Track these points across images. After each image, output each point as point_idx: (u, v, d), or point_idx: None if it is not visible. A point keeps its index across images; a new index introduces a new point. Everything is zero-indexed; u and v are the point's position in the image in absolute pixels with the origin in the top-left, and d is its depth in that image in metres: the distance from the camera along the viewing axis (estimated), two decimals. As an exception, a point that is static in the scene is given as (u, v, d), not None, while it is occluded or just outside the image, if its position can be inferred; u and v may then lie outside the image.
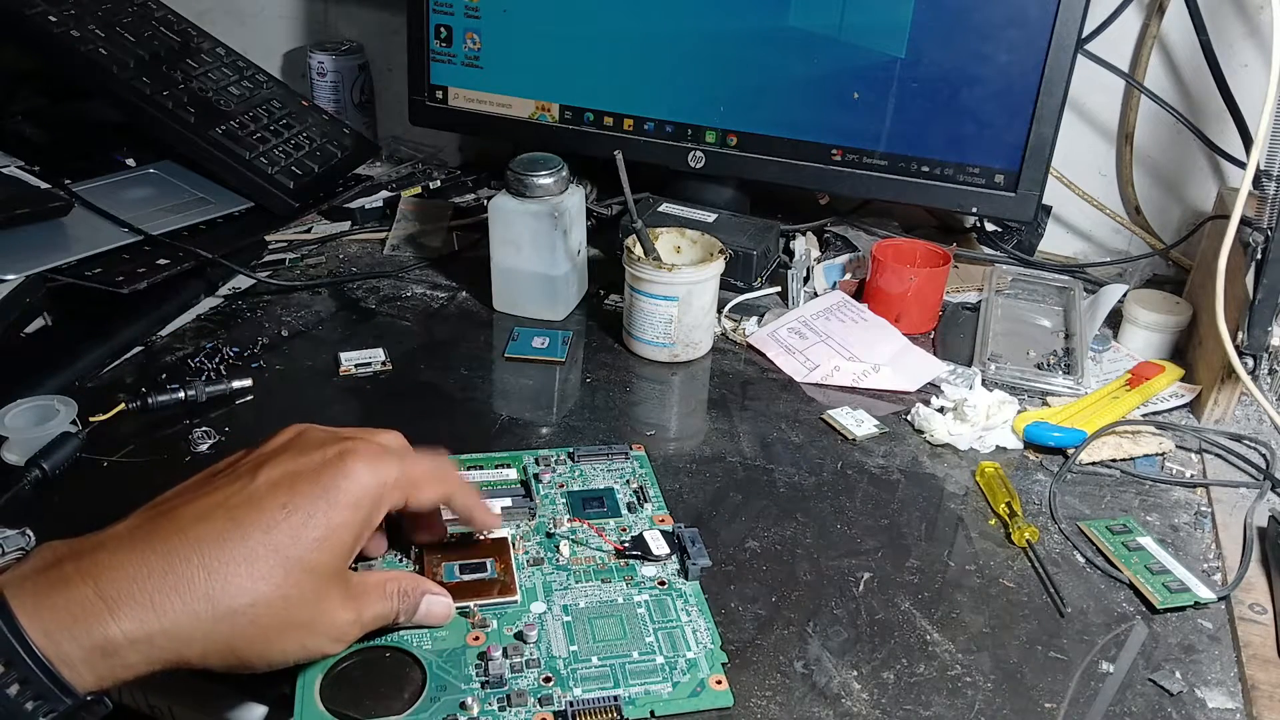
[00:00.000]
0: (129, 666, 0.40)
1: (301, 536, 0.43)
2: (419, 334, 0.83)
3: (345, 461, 0.45)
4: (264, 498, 0.43)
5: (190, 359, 0.76)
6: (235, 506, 0.43)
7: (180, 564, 0.41)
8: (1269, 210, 0.68)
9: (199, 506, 0.43)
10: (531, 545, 0.58)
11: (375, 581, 0.48)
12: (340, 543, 0.44)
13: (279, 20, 1.25)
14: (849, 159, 0.91)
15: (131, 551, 0.41)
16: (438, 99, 1.02)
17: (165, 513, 0.43)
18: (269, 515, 0.43)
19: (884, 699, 0.50)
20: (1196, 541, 0.64)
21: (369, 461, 0.46)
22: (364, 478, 0.45)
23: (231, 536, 0.42)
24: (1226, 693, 0.52)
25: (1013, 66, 0.84)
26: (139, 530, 0.42)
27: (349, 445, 0.46)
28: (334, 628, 0.45)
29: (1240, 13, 0.91)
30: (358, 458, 0.46)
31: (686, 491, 0.65)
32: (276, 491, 0.44)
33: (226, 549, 0.42)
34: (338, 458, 0.45)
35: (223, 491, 0.44)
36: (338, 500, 0.44)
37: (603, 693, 0.48)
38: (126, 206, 0.85)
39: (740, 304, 0.88)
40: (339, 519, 0.44)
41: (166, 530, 0.42)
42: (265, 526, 0.43)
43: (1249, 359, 0.71)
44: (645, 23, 0.92)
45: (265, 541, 0.42)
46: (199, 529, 0.42)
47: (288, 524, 0.43)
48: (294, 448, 0.46)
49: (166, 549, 0.41)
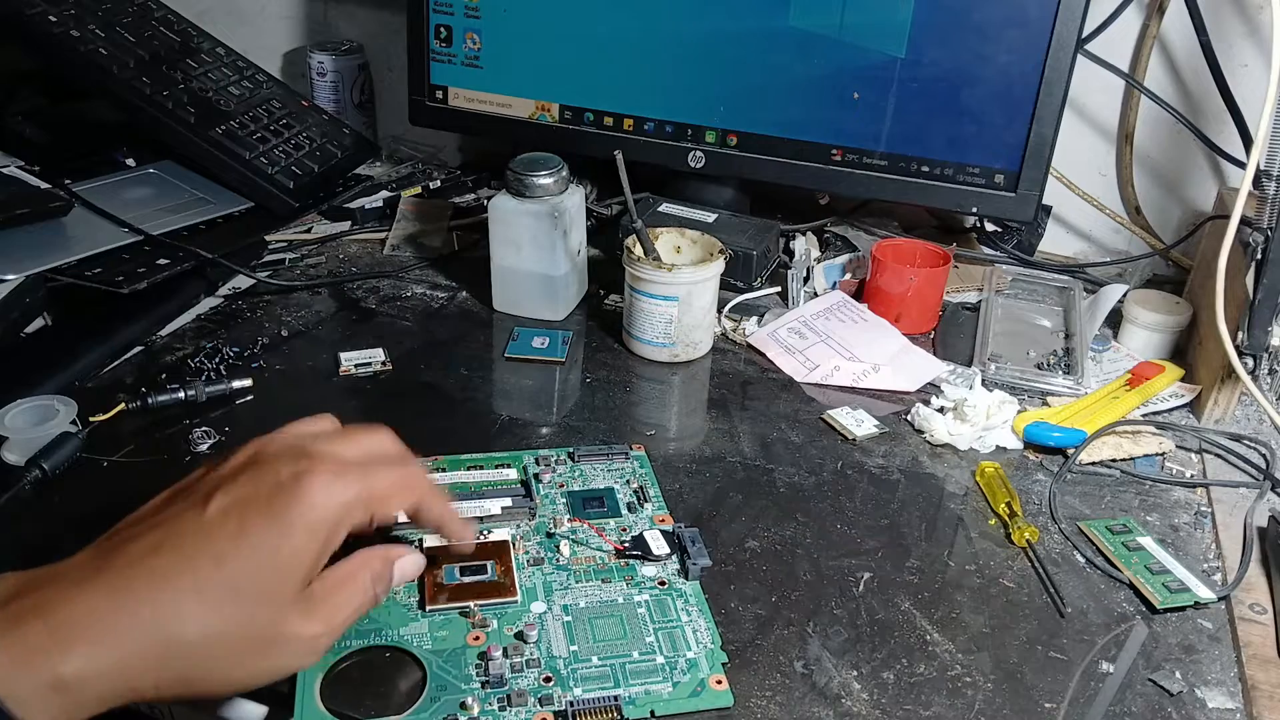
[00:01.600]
0: (83, 704, 0.38)
1: (253, 565, 0.41)
2: (419, 334, 0.83)
3: (300, 485, 0.43)
4: (214, 528, 0.42)
5: (190, 359, 0.76)
6: (184, 536, 0.42)
7: (129, 599, 0.40)
8: (1269, 210, 0.68)
9: (150, 539, 0.42)
10: (531, 545, 0.58)
11: (341, 579, 0.45)
12: (296, 568, 0.43)
13: (279, 20, 1.25)
14: (849, 159, 0.91)
15: (83, 587, 0.40)
16: (438, 99, 1.02)
17: (117, 546, 0.42)
18: (219, 545, 0.41)
19: (884, 699, 0.50)
20: (1196, 541, 0.64)
21: (326, 483, 0.43)
22: (319, 500, 0.43)
23: (181, 569, 0.41)
24: (1226, 693, 0.53)
25: (1013, 66, 0.84)
26: (91, 564, 0.41)
27: (305, 466, 0.44)
28: (302, 643, 0.43)
29: (1240, 13, 0.91)
30: (314, 479, 0.43)
31: (686, 491, 0.65)
32: (227, 520, 0.42)
33: (176, 581, 0.40)
34: (292, 480, 0.43)
35: (174, 522, 0.42)
36: (292, 526, 0.42)
37: (603, 693, 0.48)
38: (126, 206, 0.85)
39: (740, 304, 0.88)
40: (292, 546, 0.42)
41: (117, 564, 0.41)
42: (215, 557, 0.41)
43: (1249, 359, 0.71)
44: (645, 23, 0.92)
45: (215, 573, 0.41)
46: (149, 562, 0.41)
47: (237, 554, 0.41)
48: (249, 469, 0.44)
49: (117, 583, 0.40)
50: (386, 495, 0.46)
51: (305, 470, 0.43)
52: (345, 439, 0.48)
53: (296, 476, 0.43)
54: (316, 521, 0.43)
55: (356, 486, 0.44)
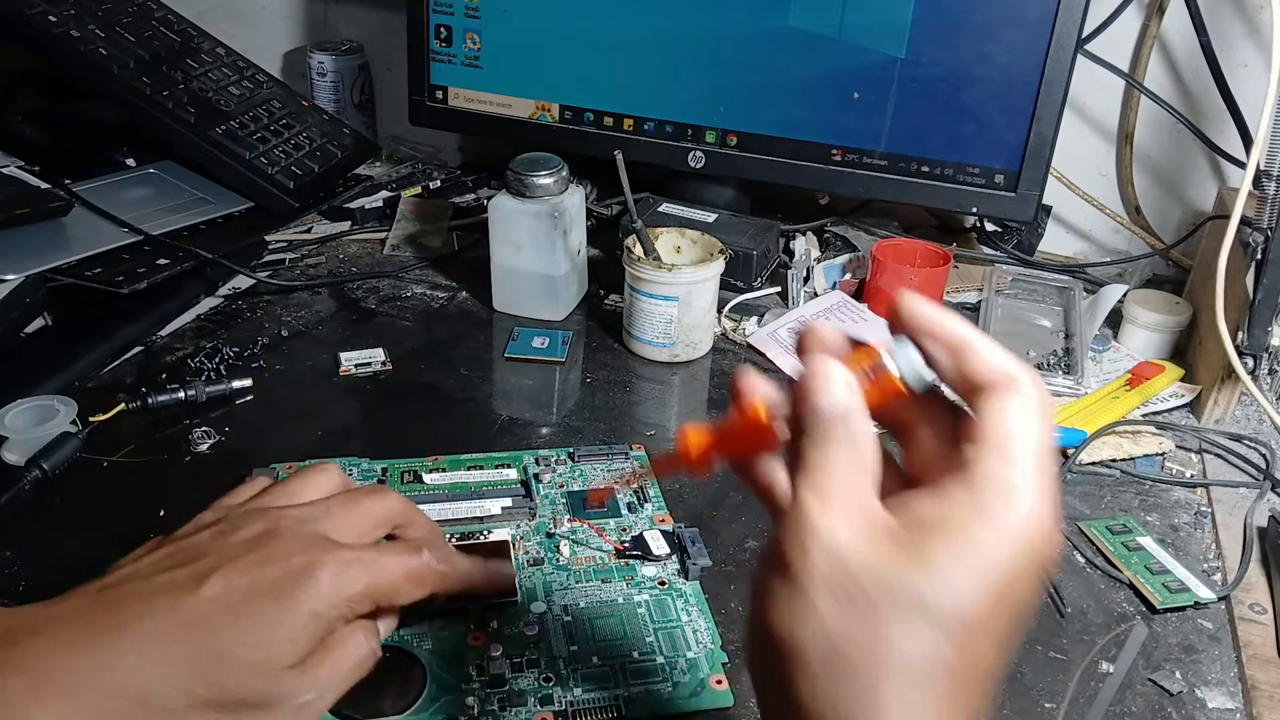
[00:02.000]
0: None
1: (249, 638, 0.40)
2: (419, 334, 0.83)
3: (309, 576, 0.42)
4: (214, 606, 0.41)
5: (190, 359, 0.76)
6: (181, 607, 0.40)
7: (115, 661, 0.38)
8: (1269, 210, 0.68)
9: (145, 603, 0.40)
10: (531, 545, 0.58)
11: (335, 640, 0.44)
12: (292, 645, 0.41)
13: (279, 20, 1.25)
14: (849, 159, 0.91)
15: (65, 643, 0.39)
16: (438, 99, 1.02)
17: (110, 600, 0.41)
18: (215, 619, 0.40)
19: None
20: (1196, 541, 0.64)
21: (334, 575, 0.43)
22: (326, 591, 0.42)
23: (173, 635, 0.40)
24: (1226, 693, 0.52)
25: (1013, 66, 0.84)
26: (79, 616, 0.40)
27: (315, 558, 0.43)
28: (293, 710, 0.42)
29: (1240, 13, 0.91)
30: (324, 570, 0.42)
31: (686, 491, 0.65)
32: (229, 600, 0.41)
33: (164, 650, 0.39)
34: (302, 571, 0.42)
35: (173, 589, 0.41)
36: (295, 609, 0.41)
37: (603, 693, 0.48)
38: (126, 206, 0.85)
39: (740, 304, 0.88)
40: (291, 625, 0.41)
41: (106, 622, 0.40)
42: (210, 629, 0.40)
43: (1249, 359, 0.71)
44: (645, 22, 0.92)
45: (208, 643, 0.40)
46: (140, 626, 0.39)
47: (235, 627, 0.40)
48: (258, 549, 0.43)
49: (103, 643, 0.39)
50: (394, 590, 0.45)
51: (316, 564, 0.43)
52: (356, 514, 0.47)
53: (307, 568, 0.42)
54: (321, 610, 0.42)
55: (364, 580, 0.44)
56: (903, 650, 0.29)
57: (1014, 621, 0.30)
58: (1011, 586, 0.29)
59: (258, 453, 0.65)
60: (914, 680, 0.29)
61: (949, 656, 0.29)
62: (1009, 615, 0.30)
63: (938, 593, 0.29)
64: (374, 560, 0.45)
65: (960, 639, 0.29)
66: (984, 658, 0.29)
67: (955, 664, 0.29)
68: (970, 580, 0.29)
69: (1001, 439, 0.31)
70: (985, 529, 0.29)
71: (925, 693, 0.29)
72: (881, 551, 0.30)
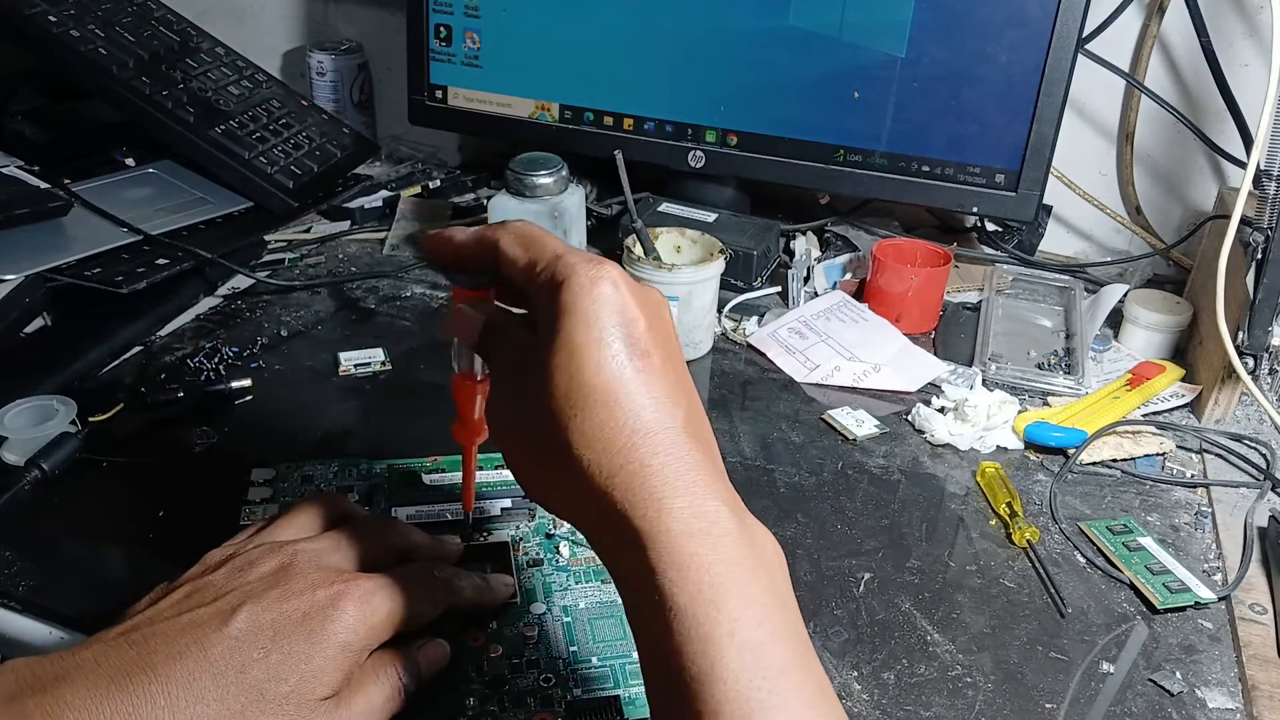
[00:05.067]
0: None
1: (281, 673, 0.41)
2: (419, 334, 0.83)
3: (336, 608, 0.43)
4: (244, 642, 0.41)
5: (190, 359, 0.76)
6: (210, 645, 0.41)
7: (145, 704, 0.39)
8: (1269, 210, 0.68)
9: (172, 644, 0.41)
10: (531, 546, 0.58)
11: (367, 673, 0.45)
12: (324, 679, 0.42)
13: (279, 20, 1.25)
14: (849, 158, 0.91)
15: (94, 689, 0.39)
16: (437, 99, 1.02)
17: (135, 643, 0.41)
18: (245, 656, 0.41)
19: (884, 699, 0.50)
20: (1197, 541, 0.64)
21: (359, 605, 0.44)
22: (353, 624, 0.43)
23: (202, 675, 0.40)
24: (1226, 693, 0.52)
25: (1013, 66, 0.84)
26: (105, 662, 0.40)
27: (339, 591, 0.44)
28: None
29: (1240, 13, 0.91)
30: (349, 603, 0.43)
31: (686, 491, 0.65)
32: (259, 636, 0.41)
33: (195, 689, 0.39)
34: (329, 604, 0.43)
35: (199, 628, 0.42)
36: (324, 643, 0.42)
37: (603, 693, 0.48)
38: (126, 206, 0.85)
39: (740, 304, 0.88)
40: (323, 658, 0.42)
41: (133, 665, 0.40)
42: (240, 667, 0.41)
43: (1249, 359, 0.71)
44: (645, 22, 0.92)
45: (240, 681, 0.40)
46: (169, 668, 0.40)
47: (265, 663, 0.41)
48: (281, 585, 0.44)
49: (131, 688, 0.39)
50: (415, 613, 0.47)
51: (341, 596, 0.44)
52: (365, 544, 0.48)
53: (333, 600, 0.43)
54: (349, 642, 0.43)
55: (386, 608, 0.45)
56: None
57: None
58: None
59: (257, 453, 0.65)
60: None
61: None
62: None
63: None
64: (394, 587, 0.46)
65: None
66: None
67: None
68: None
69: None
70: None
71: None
72: None
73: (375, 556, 0.48)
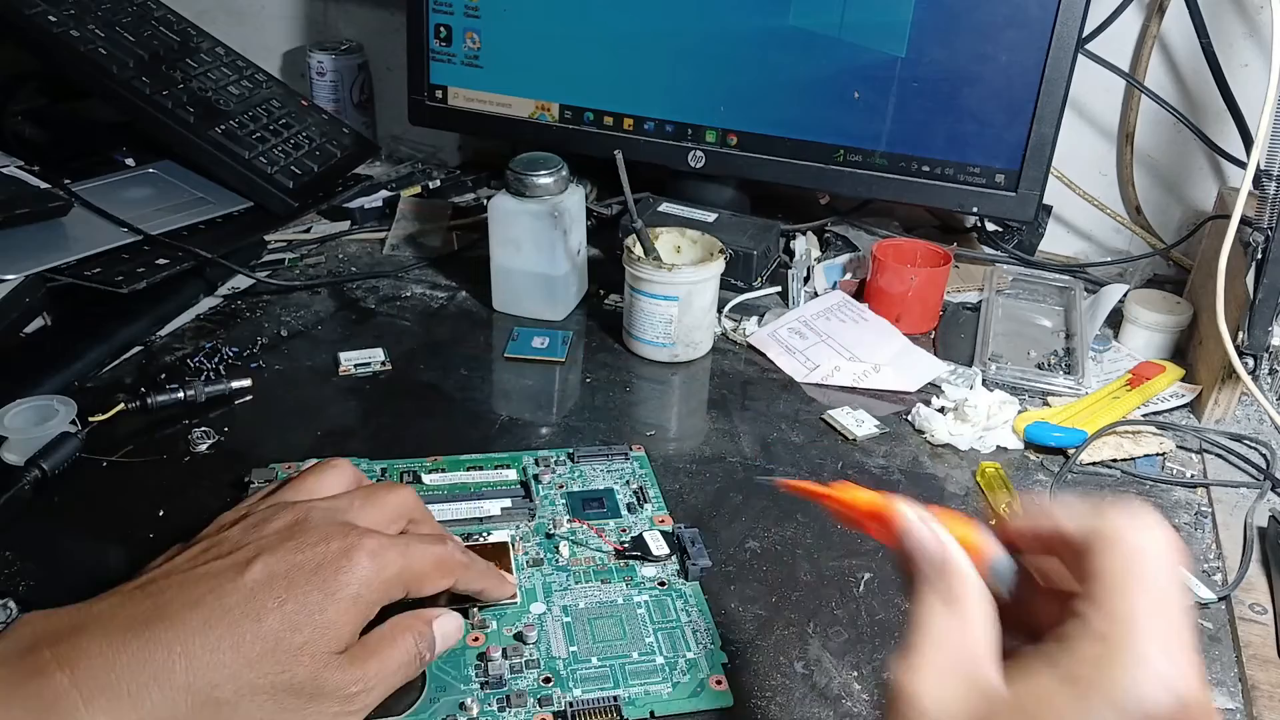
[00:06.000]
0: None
1: (294, 623, 0.41)
2: (419, 334, 0.83)
3: (348, 559, 0.44)
4: (259, 591, 0.42)
5: (190, 359, 0.76)
6: (226, 594, 0.41)
7: (161, 651, 0.39)
8: (1269, 210, 0.68)
9: (188, 593, 0.41)
10: (531, 546, 0.58)
11: (382, 637, 0.45)
12: (336, 632, 0.43)
13: (278, 20, 1.25)
14: (849, 158, 0.91)
15: (110, 637, 0.39)
16: (437, 99, 1.02)
17: (151, 594, 0.41)
18: (260, 605, 0.41)
19: (884, 700, 0.50)
20: (1197, 541, 0.64)
21: (371, 558, 0.44)
22: (365, 575, 0.44)
23: (218, 623, 0.40)
24: (1226, 693, 0.52)
25: (1013, 66, 0.84)
26: (121, 611, 0.41)
27: (353, 541, 0.44)
28: (339, 700, 0.43)
29: (1240, 13, 0.90)
30: (361, 554, 0.44)
31: (686, 492, 0.65)
32: (274, 586, 0.42)
33: (211, 637, 0.40)
34: (341, 554, 0.44)
35: (215, 578, 0.42)
36: (337, 594, 0.43)
37: (602, 693, 0.48)
38: (126, 206, 0.85)
39: (740, 304, 0.88)
40: (336, 610, 0.43)
41: (149, 614, 0.40)
42: (256, 615, 0.41)
43: (1249, 359, 0.71)
44: (645, 22, 0.92)
45: (255, 629, 0.41)
46: (184, 615, 0.40)
47: (280, 613, 0.41)
48: (295, 537, 0.44)
49: (148, 635, 0.39)
50: (424, 574, 0.47)
51: (353, 546, 0.44)
52: (377, 502, 0.49)
53: (345, 551, 0.44)
54: (361, 594, 0.44)
55: (399, 563, 0.45)
56: None
57: None
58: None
59: (257, 453, 0.65)
60: None
61: None
62: None
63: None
64: (407, 546, 0.47)
65: None
66: None
67: None
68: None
69: (1100, 594, 0.29)
70: (1078, 700, 0.27)
71: None
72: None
73: (386, 521, 0.49)
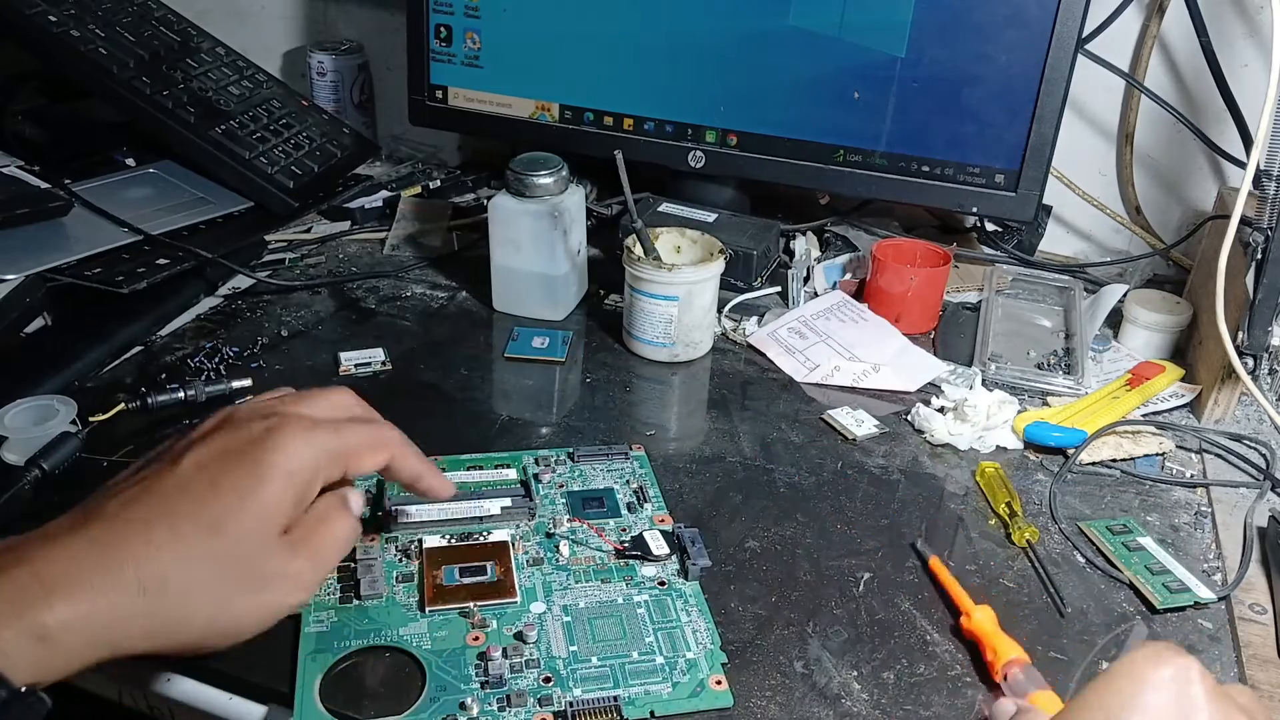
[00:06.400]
0: (69, 656, 0.39)
1: (231, 506, 0.43)
2: (419, 334, 0.83)
3: (275, 436, 0.45)
4: (191, 479, 0.43)
5: (190, 359, 0.76)
6: (161, 490, 0.43)
7: (110, 549, 0.41)
8: (1269, 210, 0.68)
9: (127, 494, 0.43)
10: (531, 545, 0.58)
11: (320, 514, 0.46)
12: (273, 511, 0.44)
13: (279, 20, 1.25)
14: (849, 159, 0.91)
15: (63, 541, 0.41)
16: (438, 99, 1.02)
17: (97, 503, 0.43)
18: (195, 492, 0.43)
19: (884, 699, 0.50)
20: (1196, 541, 0.64)
21: (299, 434, 0.45)
22: (295, 450, 0.45)
23: (158, 516, 0.42)
24: (1226, 693, 0.52)
25: (1013, 66, 0.84)
26: (71, 521, 0.43)
27: (276, 421, 0.45)
28: (288, 579, 0.44)
29: (1240, 13, 0.91)
30: (287, 431, 0.45)
31: (686, 491, 0.65)
32: (203, 472, 0.44)
33: (152, 531, 0.42)
34: (266, 434, 0.45)
35: (150, 479, 0.44)
36: (268, 473, 0.44)
37: (602, 693, 0.48)
38: (126, 206, 0.85)
39: (740, 304, 0.88)
40: (269, 490, 0.44)
41: (97, 518, 0.42)
42: (193, 502, 0.43)
43: (1249, 359, 0.71)
44: (645, 22, 0.92)
45: (193, 516, 0.42)
46: (126, 513, 0.42)
47: (216, 500, 0.43)
48: (223, 428, 0.46)
49: (96, 535, 0.41)
50: (358, 449, 0.48)
51: (278, 425, 0.45)
52: (311, 399, 0.49)
53: (270, 430, 0.45)
54: (293, 469, 0.45)
55: (331, 439, 0.46)
56: None
57: None
58: None
59: (257, 453, 0.65)
60: None
61: None
62: None
63: None
64: (335, 424, 0.47)
65: None
66: None
67: None
68: None
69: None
70: None
71: None
72: None
73: (324, 411, 0.49)
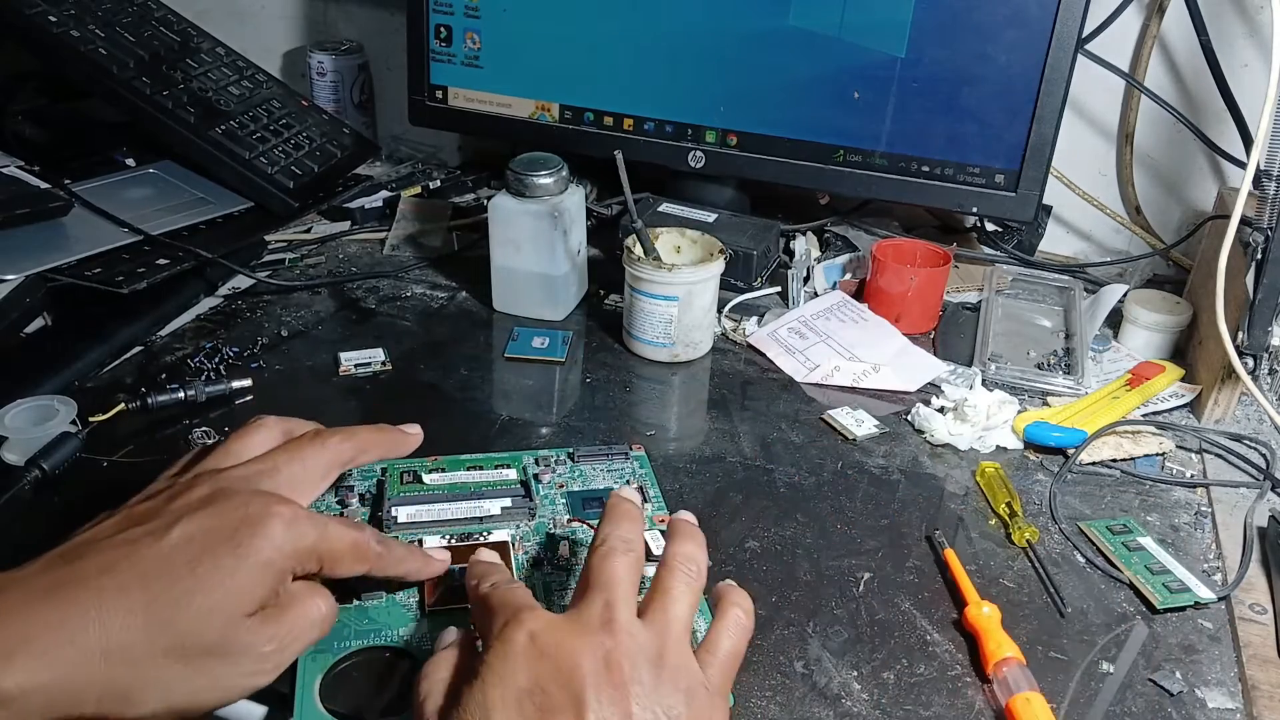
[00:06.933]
0: (24, 718, 0.38)
1: (207, 584, 0.42)
2: (419, 334, 0.83)
3: (265, 523, 0.44)
4: (173, 556, 0.43)
5: (190, 359, 0.76)
6: (142, 560, 0.42)
7: (77, 615, 0.40)
8: (1269, 210, 0.68)
9: (106, 558, 0.42)
10: (531, 546, 0.58)
11: (293, 595, 0.46)
12: (248, 593, 0.43)
13: (279, 20, 1.25)
14: (849, 158, 0.91)
15: (29, 599, 0.40)
16: (438, 99, 1.02)
17: (71, 560, 0.42)
18: (174, 568, 0.42)
19: (884, 699, 0.50)
20: (1196, 541, 0.64)
21: (287, 525, 0.45)
22: (279, 541, 0.45)
23: (132, 587, 0.41)
24: (1226, 693, 0.52)
25: (1013, 66, 0.84)
26: (41, 576, 0.42)
27: (269, 509, 0.45)
28: (251, 660, 0.43)
29: (1240, 13, 0.91)
30: (277, 521, 0.45)
31: (686, 491, 0.65)
32: (188, 550, 0.43)
33: (125, 601, 0.41)
34: (258, 518, 0.45)
35: (133, 544, 0.43)
36: (250, 557, 0.44)
37: (603, 693, 0.48)
38: (126, 206, 0.85)
39: (740, 304, 0.88)
40: (247, 572, 0.43)
41: (69, 579, 0.41)
42: (170, 579, 0.42)
43: (1249, 359, 0.71)
44: (645, 23, 0.92)
45: (168, 592, 0.41)
46: (101, 580, 0.41)
47: (192, 575, 0.42)
48: (215, 503, 0.45)
49: (63, 597, 0.40)
50: (338, 556, 0.48)
51: (268, 513, 0.45)
52: (300, 463, 0.50)
53: (260, 517, 0.45)
54: (274, 558, 0.44)
55: (313, 536, 0.46)
56: None
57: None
58: None
59: (257, 453, 0.65)
60: None
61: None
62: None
63: None
64: (323, 522, 0.47)
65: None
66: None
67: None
68: None
69: None
70: None
71: None
72: None
73: (313, 481, 0.50)
